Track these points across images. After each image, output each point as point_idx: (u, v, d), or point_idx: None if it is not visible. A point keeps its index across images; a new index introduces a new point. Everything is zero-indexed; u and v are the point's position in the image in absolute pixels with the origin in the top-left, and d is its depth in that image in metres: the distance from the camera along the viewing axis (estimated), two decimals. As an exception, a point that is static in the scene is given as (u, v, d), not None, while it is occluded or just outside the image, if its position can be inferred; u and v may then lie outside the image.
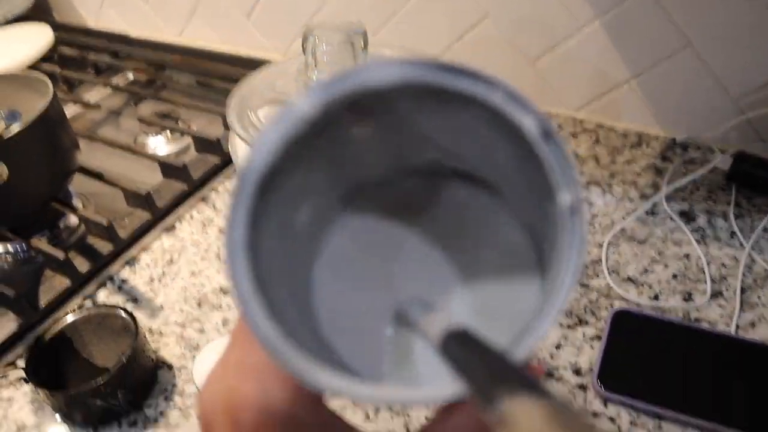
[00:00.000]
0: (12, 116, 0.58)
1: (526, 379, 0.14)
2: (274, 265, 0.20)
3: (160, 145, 0.86)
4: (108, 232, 0.67)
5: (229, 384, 0.21)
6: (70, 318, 0.56)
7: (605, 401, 0.51)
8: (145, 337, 0.56)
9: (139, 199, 0.71)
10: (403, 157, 0.23)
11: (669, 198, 0.69)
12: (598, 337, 0.55)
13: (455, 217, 0.24)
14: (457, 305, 0.23)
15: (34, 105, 0.64)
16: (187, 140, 0.85)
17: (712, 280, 0.59)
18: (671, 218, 0.66)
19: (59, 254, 0.64)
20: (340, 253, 0.24)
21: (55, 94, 0.66)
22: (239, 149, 0.56)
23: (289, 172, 0.19)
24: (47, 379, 0.52)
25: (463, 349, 0.17)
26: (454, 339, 0.17)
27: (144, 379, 0.55)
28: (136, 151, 0.79)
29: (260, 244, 0.19)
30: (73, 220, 0.74)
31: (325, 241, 0.24)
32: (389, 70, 0.17)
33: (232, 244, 0.18)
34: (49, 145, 0.67)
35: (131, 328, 0.55)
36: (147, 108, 0.93)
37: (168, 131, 0.87)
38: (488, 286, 0.23)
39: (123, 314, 0.56)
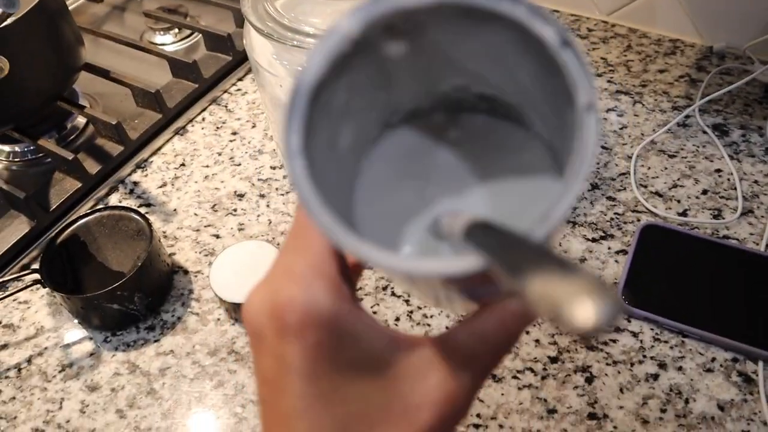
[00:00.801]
0: (10, 3, 0.54)
1: (549, 255, 0.15)
2: (322, 178, 0.21)
3: (167, 42, 0.82)
4: (117, 133, 0.65)
5: (275, 288, 0.23)
6: (83, 220, 0.55)
7: (629, 316, 0.50)
8: (159, 241, 0.55)
9: (148, 98, 0.68)
10: (433, 83, 0.25)
11: (703, 110, 0.66)
12: (624, 252, 0.54)
13: (483, 142, 0.26)
14: (483, 213, 0.25)
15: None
16: (197, 38, 0.81)
17: (744, 198, 0.57)
18: (704, 131, 0.63)
19: (68, 155, 0.62)
20: (378, 173, 0.26)
21: (55, -17, 0.62)
22: (255, 43, 0.52)
23: (334, 90, 0.21)
24: (63, 283, 0.52)
25: (487, 234, 0.18)
26: (477, 228, 0.19)
27: (160, 284, 0.54)
28: (143, 48, 0.75)
29: (312, 156, 0.20)
30: (80, 120, 0.72)
31: (365, 163, 0.26)
32: None
33: (291, 149, 0.20)
34: (50, 37, 0.63)
35: (146, 232, 0.53)
36: (152, 3, 0.88)
37: (176, 28, 0.82)
38: (512, 198, 0.25)
39: (137, 217, 0.54)
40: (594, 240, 0.55)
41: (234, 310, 0.52)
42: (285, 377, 0.22)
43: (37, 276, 0.52)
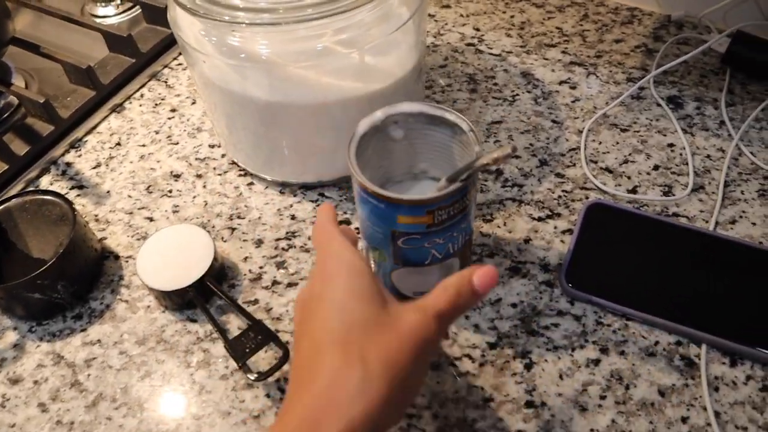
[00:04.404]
0: None
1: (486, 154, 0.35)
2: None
3: (109, 14, 0.78)
4: (46, 112, 0.61)
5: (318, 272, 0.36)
6: (2, 206, 0.52)
7: (572, 300, 0.48)
8: (86, 225, 0.52)
9: (80, 74, 0.65)
10: (412, 164, 0.45)
11: (658, 82, 0.63)
12: (570, 231, 0.52)
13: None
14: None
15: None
16: (139, 10, 0.77)
17: (695, 173, 0.55)
18: (658, 104, 0.61)
19: (-9, 135, 0.59)
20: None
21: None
22: (180, 20, 0.49)
23: (366, 146, 0.41)
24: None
25: (459, 173, 0.37)
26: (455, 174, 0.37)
27: (87, 271, 0.52)
28: (76, 21, 0.71)
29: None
30: (13, 99, 0.68)
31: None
32: (415, 105, 0.41)
33: (351, 152, 0.39)
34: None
35: (69, 217, 0.51)
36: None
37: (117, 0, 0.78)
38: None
39: (60, 201, 0.51)
40: (540, 219, 0.53)
41: (162, 298, 0.49)
42: (339, 271, 0.34)
43: (-47, 265, 0.49)
